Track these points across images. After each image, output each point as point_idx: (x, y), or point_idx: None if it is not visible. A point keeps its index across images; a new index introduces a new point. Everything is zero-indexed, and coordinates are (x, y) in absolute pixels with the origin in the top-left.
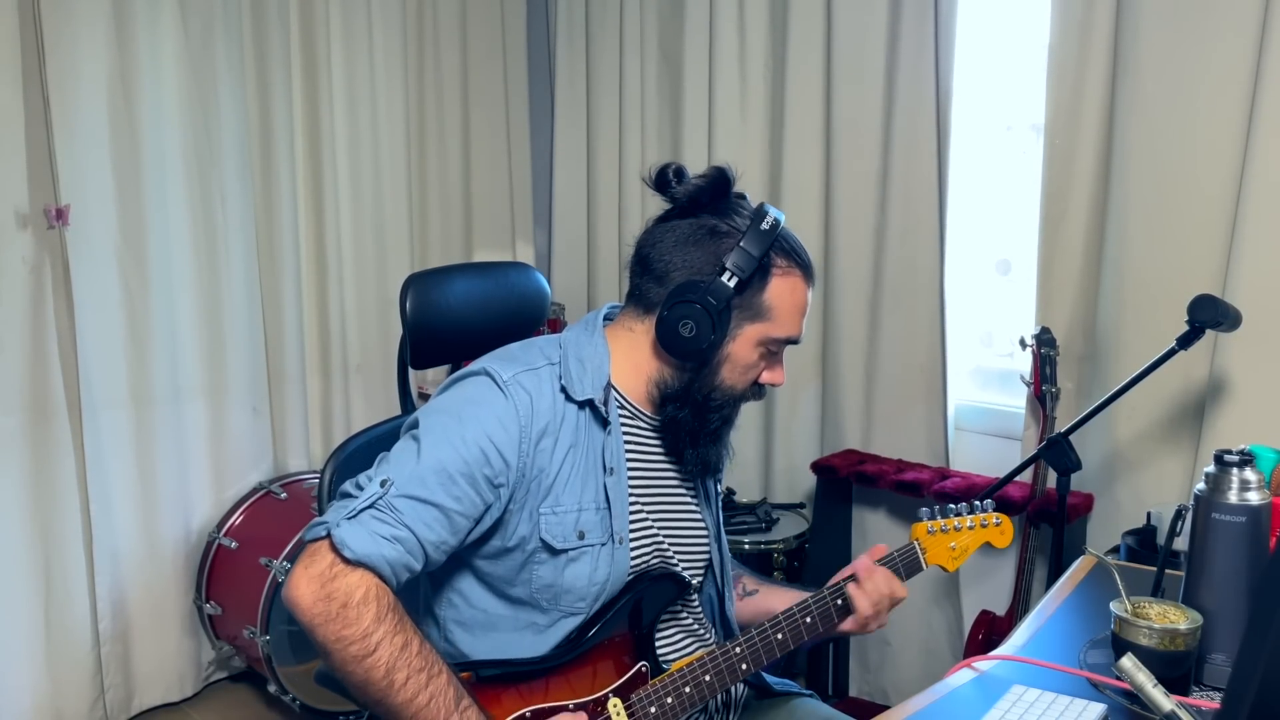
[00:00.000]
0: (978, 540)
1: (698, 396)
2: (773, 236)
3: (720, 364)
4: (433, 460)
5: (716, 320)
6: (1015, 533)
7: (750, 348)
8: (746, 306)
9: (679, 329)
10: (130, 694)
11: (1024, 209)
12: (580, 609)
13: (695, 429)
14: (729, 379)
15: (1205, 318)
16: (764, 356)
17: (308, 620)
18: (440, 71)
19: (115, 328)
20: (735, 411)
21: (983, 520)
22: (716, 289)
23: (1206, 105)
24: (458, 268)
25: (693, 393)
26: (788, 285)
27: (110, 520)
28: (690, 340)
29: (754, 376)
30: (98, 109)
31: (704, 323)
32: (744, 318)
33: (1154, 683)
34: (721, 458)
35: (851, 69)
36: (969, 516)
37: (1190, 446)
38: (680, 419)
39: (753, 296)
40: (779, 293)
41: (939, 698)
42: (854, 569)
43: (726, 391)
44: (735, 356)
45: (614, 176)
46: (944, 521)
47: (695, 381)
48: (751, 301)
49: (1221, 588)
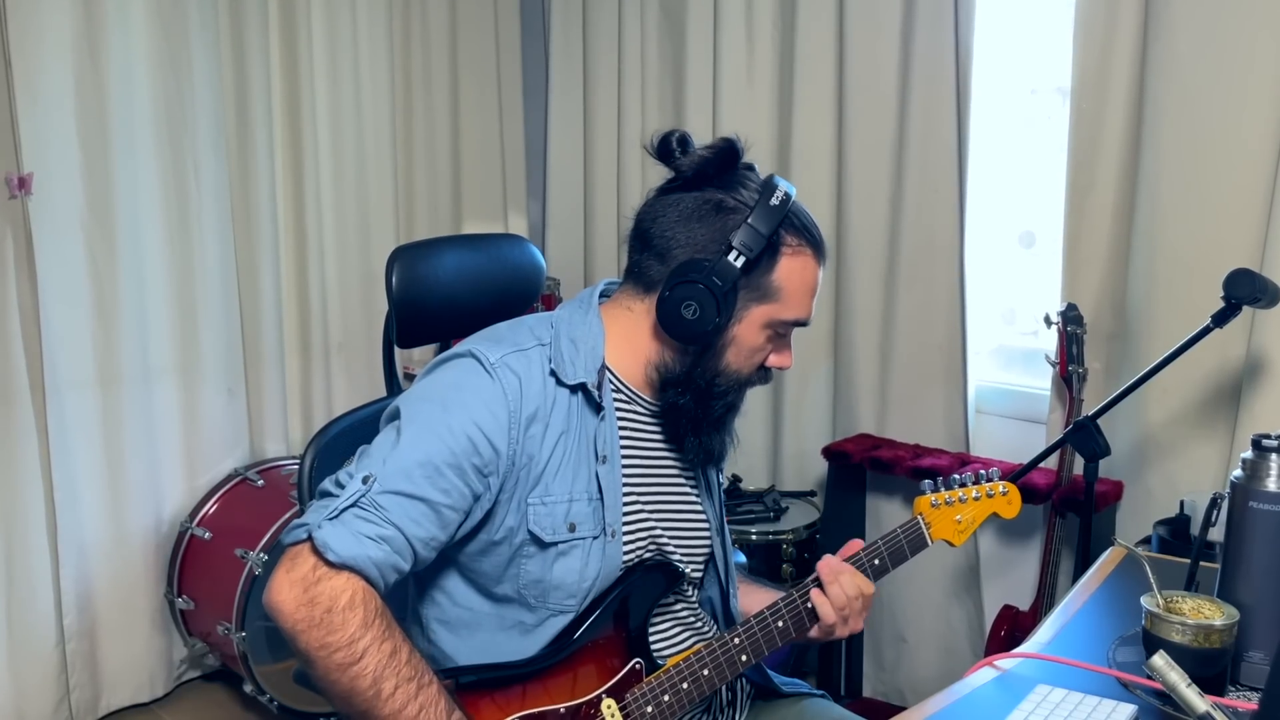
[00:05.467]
0: (984, 511)
1: (700, 382)
2: (783, 213)
3: (725, 347)
4: (417, 452)
5: (722, 302)
6: (1040, 523)
7: (757, 330)
8: (754, 287)
9: (682, 310)
10: (97, 694)
11: (1049, 178)
12: (569, 607)
13: (698, 416)
14: (734, 363)
15: (1242, 293)
16: (771, 339)
17: (290, 627)
18: (427, 31)
19: (81, 303)
20: (740, 397)
21: (989, 490)
22: (722, 269)
23: (1243, 67)
24: (446, 240)
25: (695, 377)
26: (798, 264)
27: (76, 509)
28: (694, 323)
29: (760, 360)
30: (62, 71)
31: (709, 305)
32: (751, 299)
33: (1188, 682)
34: (725, 446)
35: (865, 28)
36: (974, 487)
37: (1226, 430)
38: (682, 405)
39: (760, 277)
40: (788, 272)
41: (958, 698)
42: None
43: (731, 376)
44: (741, 339)
45: (612, 144)
46: (948, 493)
47: (698, 366)
48: (759, 282)
49: (1260, 581)
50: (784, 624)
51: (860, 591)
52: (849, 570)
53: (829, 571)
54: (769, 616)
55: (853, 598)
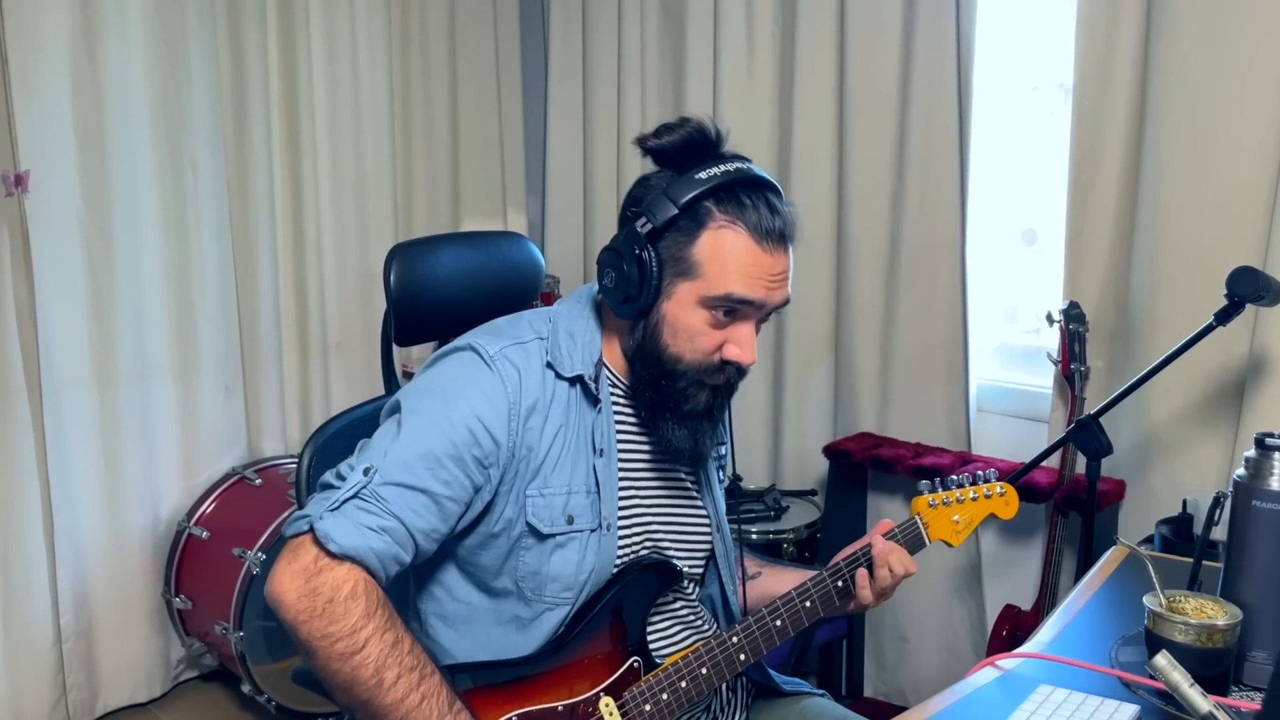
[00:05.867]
0: (982, 512)
1: (650, 365)
2: (707, 186)
3: (659, 325)
4: (418, 444)
5: (632, 267)
6: (1042, 522)
7: (689, 309)
8: (674, 260)
9: (604, 280)
10: (94, 694)
11: (1051, 175)
12: (565, 600)
13: (653, 403)
14: (674, 345)
15: (1245, 291)
16: (716, 324)
17: (291, 617)
18: (426, 26)
19: (78, 301)
20: (699, 391)
21: (986, 490)
22: (630, 234)
23: (1246, 63)
24: (445, 238)
25: (644, 359)
26: (725, 240)
27: (72, 508)
28: (613, 291)
29: (707, 346)
30: (59, 68)
31: (619, 271)
32: (675, 273)
33: (1190, 682)
34: (692, 447)
35: (866, 24)
36: (971, 487)
37: (1229, 429)
38: (643, 391)
39: (680, 249)
40: (712, 247)
41: (960, 698)
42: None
43: (674, 359)
44: (673, 318)
45: (612, 140)
46: (945, 494)
47: (643, 346)
48: (679, 255)
49: (1263, 581)
50: (812, 604)
51: (906, 570)
52: (898, 553)
53: (880, 554)
54: (767, 615)
55: (899, 577)
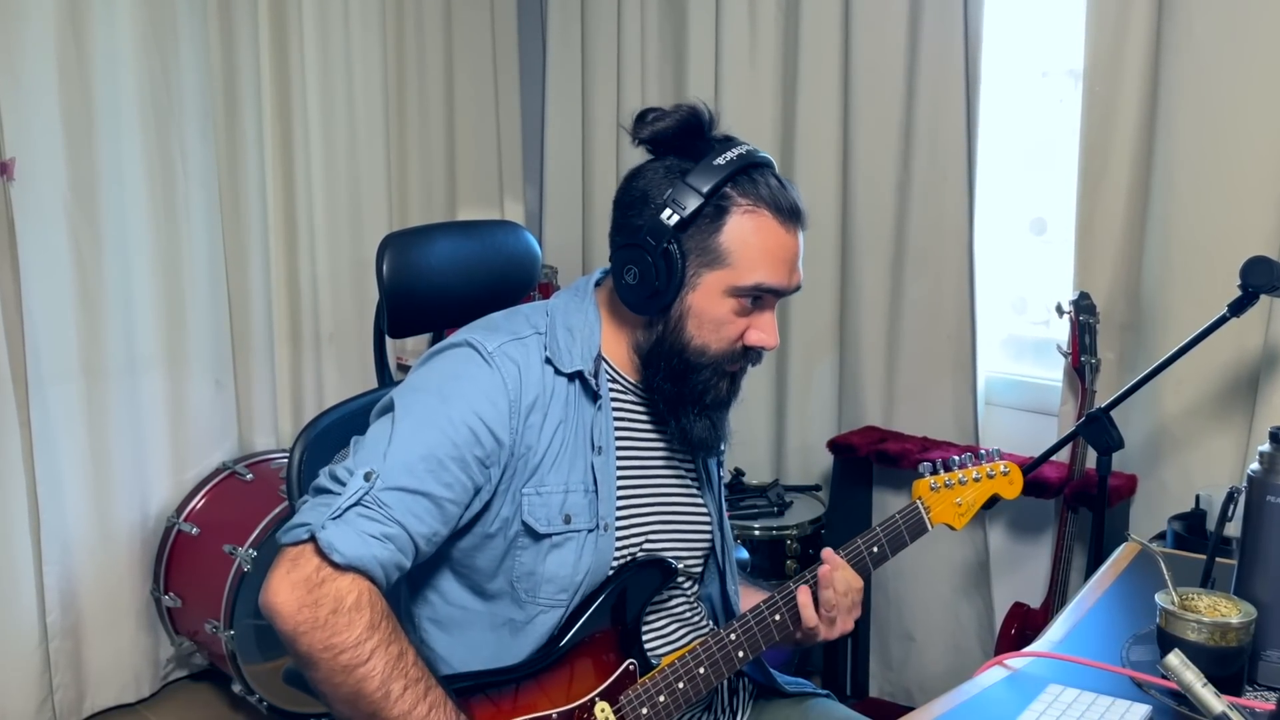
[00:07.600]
0: (985, 492)
1: (672, 359)
2: (727, 171)
3: (684, 318)
4: (419, 446)
5: (659, 261)
6: (1051, 518)
7: (716, 299)
8: (701, 250)
9: (625, 277)
10: (81, 694)
11: (1061, 163)
12: (560, 602)
13: (673, 396)
14: (699, 337)
15: (1260, 281)
16: (741, 312)
17: (290, 629)
18: (421, 11)
19: (65, 293)
20: (721, 380)
21: (989, 470)
22: (654, 227)
23: (1261, 48)
24: (440, 227)
25: (664, 354)
26: (751, 225)
27: (59, 504)
28: (637, 289)
29: (732, 335)
30: (45, 53)
31: (646, 266)
32: (701, 263)
33: (1203, 682)
34: (712, 434)
35: (872, 8)
36: (973, 468)
37: (1243, 423)
38: (657, 385)
39: (706, 239)
40: (738, 233)
41: (968, 698)
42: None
43: (699, 351)
44: (699, 309)
45: (611, 128)
46: (947, 475)
47: (664, 341)
48: (705, 245)
49: (1278, 578)
50: (781, 617)
51: (850, 587)
52: (841, 565)
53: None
54: (765, 610)
55: (841, 594)
